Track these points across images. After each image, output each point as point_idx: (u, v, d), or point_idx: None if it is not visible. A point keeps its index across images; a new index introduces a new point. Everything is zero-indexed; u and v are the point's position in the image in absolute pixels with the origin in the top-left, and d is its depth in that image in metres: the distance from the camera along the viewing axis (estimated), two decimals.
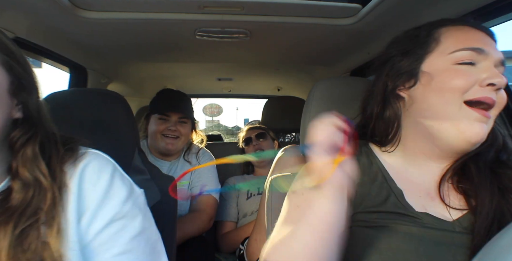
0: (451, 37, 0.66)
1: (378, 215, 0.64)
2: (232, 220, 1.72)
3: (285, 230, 0.59)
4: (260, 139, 1.89)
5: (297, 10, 1.06)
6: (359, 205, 0.67)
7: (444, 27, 0.68)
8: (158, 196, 0.94)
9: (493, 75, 0.59)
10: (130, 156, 1.01)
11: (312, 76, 2.11)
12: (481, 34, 0.65)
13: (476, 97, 0.60)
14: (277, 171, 1.22)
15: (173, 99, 1.62)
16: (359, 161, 0.71)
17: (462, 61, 0.62)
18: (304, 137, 1.00)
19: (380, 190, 0.67)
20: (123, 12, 1.07)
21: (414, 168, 0.70)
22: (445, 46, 0.65)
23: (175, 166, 1.64)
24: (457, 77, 0.61)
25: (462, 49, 0.62)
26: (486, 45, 0.63)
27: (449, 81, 0.62)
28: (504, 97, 0.62)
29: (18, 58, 0.55)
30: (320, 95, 0.97)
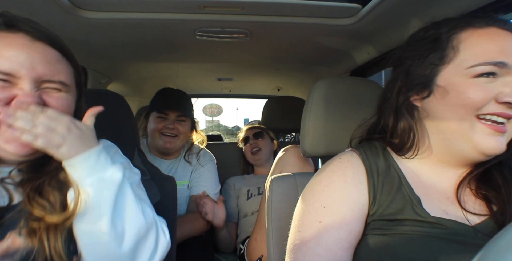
0: (470, 47, 0.61)
1: (396, 223, 0.63)
2: (233, 221, 1.72)
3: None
4: (257, 138, 1.89)
5: (297, 10, 1.06)
6: (375, 212, 0.65)
7: (464, 32, 0.62)
8: (158, 196, 0.94)
9: (511, 94, 0.56)
10: (130, 156, 1.01)
11: (312, 76, 2.11)
12: (507, 39, 0.60)
13: (489, 112, 0.58)
14: (277, 171, 1.22)
15: (172, 97, 1.62)
16: (377, 165, 0.70)
17: (481, 73, 0.59)
18: (304, 137, 1.00)
19: (398, 196, 0.65)
20: (123, 12, 1.07)
21: (433, 174, 0.68)
22: (464, 58, 0.61)
23: (175, 166, 1.64)
24: (472, 93, 0.58)
25: (481, 64, 0.58)
26: (509, 55, 0.58)
27: (463, 97, 0.59)
28: None
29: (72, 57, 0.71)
30: (320, 95, 0.97)
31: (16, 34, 0.61)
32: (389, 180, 0.67)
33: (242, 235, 1.67)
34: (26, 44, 0.61)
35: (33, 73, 0.60)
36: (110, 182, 0.62)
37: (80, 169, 0.61)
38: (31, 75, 0.60)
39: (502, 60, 0.57)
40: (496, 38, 0.60)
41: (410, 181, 0.67)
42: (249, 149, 1.87)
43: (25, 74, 0.60)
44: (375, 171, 0.68)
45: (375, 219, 0.65)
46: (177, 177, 1.55)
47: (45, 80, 0.63)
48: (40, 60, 0.62)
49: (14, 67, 0.59)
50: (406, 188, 0.66)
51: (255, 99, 3.14)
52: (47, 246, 0.58)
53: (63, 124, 0.59)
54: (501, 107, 0.57)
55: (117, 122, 1.02)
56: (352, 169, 0.69)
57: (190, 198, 1.59)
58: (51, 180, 0.64)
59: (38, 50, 0.62)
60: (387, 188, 0.66)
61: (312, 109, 0.97)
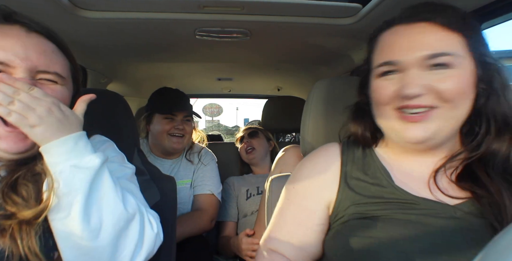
0: (377, 49, 0.68)
1: (376, 206, 0.66)
2: (233, 220, 1.72)
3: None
4: (251, 137, 1.90)
5: (297, 10, 1.06)
6: (352, 198, 0.69)
7: (378, 35, 0.69)
8: (158, 196, 0.94)
9: (404, 87, 0.61)
10: (130, 156, 1.01)
11: (312, 76, 2.11)
12: (405, 34, 0.63)
13: (399, 106, 0.63)
14: (277, 171, 1.22)
15: (176, 98, 1.61)
16: (354, 154, 0.75)
17: (383, 73, 0.65)
18: (304, 137, 1.00)
19: (376, 181, 0.69)
20: (123, 12, 1.07)
21: (410, 162, 0.71)
22: (373, 60, 0.68)
23: (177, 165, 1.65)
24: (377, 92, 0.66)
25: (378, 65, 0.66)
26: (402, 51, 0.62)
27: (374, 96, 0.67)
28: (448, 89, 0.60)
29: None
30: (320, 95, 0.97)
31: (12, 26, 0.62)
32: (365, 167, 0.73)
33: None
34: (21, 35, 0.61)
35: (28, 63, 0.60)
36: (84, 169, 0.58)
37: (55, 154, 0.58)
38: (26, 65, 0.60)
39: (391, 59, 0.63)
40: (393, 38, 0.65)
41: (389, 168, 0.71)
42: (244, 148, 1.88)
43: (20, 64, 0.60)
44: (350, 160, 0.75)
45: (355, 203, 0.68)
46: (179, 176, 1.59)
47: (40, 71, 0.62)
48: (36, 51, 0.62)
49: (9, 57, 0.59)
50: (382, 173, 0.70)
51: (255, 99, 3.14)
52: (20, 245, 0.56)
53: (45, 104, 0.57)
54: (404, 100, 0.61)
55: (117, 122, 1.02)
56: (326, 157, 0.77)
57: (194, 197, 1.60)
58: (27, 173, 0.62)
59: (34, 41, 0.62)
60: (361, 174, 0.72)
61: (312, 109, 0.97)
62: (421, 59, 0.60)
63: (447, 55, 0.59)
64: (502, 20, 0.98)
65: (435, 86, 0.60)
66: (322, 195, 0.72)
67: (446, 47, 0.60)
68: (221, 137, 4.09)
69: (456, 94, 0.60)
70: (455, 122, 0.63)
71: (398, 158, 0.72)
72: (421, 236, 0.60)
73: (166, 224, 0.83)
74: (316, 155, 0.80)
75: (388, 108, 0.65)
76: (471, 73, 0.61)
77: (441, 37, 0.61)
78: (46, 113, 0.57)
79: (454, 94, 0.60)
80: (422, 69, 0.61)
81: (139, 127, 1.68)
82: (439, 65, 0.60)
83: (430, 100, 0.60)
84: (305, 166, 0.79)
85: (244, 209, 1.71)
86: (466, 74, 0.61)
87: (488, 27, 1.01)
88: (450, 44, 0.60)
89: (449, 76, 0.60)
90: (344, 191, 0.70)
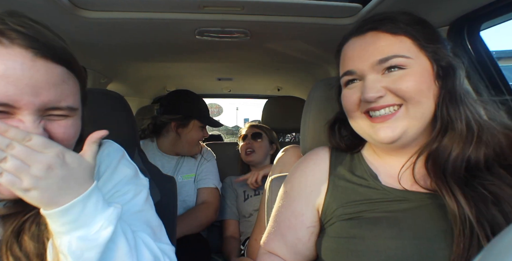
0: (340, 62, 0.73)
1: (361, 207, 0.68)
2: (235, 218, 1.72)
3: None
4: (254, 139, 1.86)
5: (297, 10, 1.06)
6: (340, 200, 0.70)
7: (341, 50, 0.73)
8: (158, 196, 0.94)
9: (363, 93, 0.65)
10: (130, 156, 1.01)
11: (312, 76, 2.11)
12: (356, 45, 0.68)
13: (366, 109, 0.66)
14: (277, 171, 1.22)
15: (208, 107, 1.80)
16: (343, 158, 0.78)
17: (347, 82, 0.70)
18: (304, 137, 1.00)
19: (363, 183, 0.71)
20: (123, 12, 1.07)
21: (391, 162, 0.73)
22: (339, 73, 0.73)
23: (181, 161, 1.72)
24: (344, 100, 0.71)
25: (342, 75, 0.71)
26: (355, 60, 0.67)
27: (344, 105, 0.72)
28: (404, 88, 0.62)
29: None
30: (320, 95, 0.97)
31: (10, 50, 0.48)
32: (353, 169, 0.75)
33: (242, 236, 1.67)
34: (26, 64, 0.49)
35: (36, 101, 0.49)
36: (94, 242, 0.48)
37: (58, 224, 0.48)
38: (34, 104, 0.49)
39: (348, 69, 0.68)
40: (348, 50, 0.70)
41: (376, 170, 0.73)
42: (244, 148, 1.85)
43: (27, 104, 0.49)
44: (338, 163, 0.77)
45: (342, 205, 0.70)
46: (184, 170, 1.68)
47: (50, 108, 0.52)
48: (45, 84, 0.50)
49: (13, 96, 0.47)
50: (369, 175, 0.72)
51: (255, 99, 3.14)
52: None
53: (44, 160, 0.46)
54: (368, 104, 0.65)
55: (117, 122, 1.02)
56: (315, 161, 0.80)
57: (199, 190, 1.68)
58: (32, 223, 0.54)
59: (42, 71, 0.50)
60: (349, 176, 0.74)
61: (312, 109, 0.97)
62: (373, 64, 0.64)
63: (397, 57, 0.63)
64: (502, 20, 0.98)
65: (393, 87, 0.63)
66: (312, 198, 0.75)
67: (395, 50, 0.64)
68: (221, 137, 4.10)
69: (414, 92, 0.62)
70: (422, 119, 0.64)
71: (382, 158, 0.74)
72: (404, 233, 0.61)
73: (167, 223, 0.84)
74: (306, 160, 0.82)
75: (357, 113, 0.69)
76: (427, 71, 0.64)
77: (390, 42, 0.65)
78: (44, 173, 0.46)
79: (412, 91, 0.62)
80: (378, 73, 0.65)
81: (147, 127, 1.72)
82: (393, 67, 0.63)
83: (392, 100, 0.64)
84: (296, 170, 0.82)
85: (242, 210, 1.71)
86: (420, 72, 0.63)
87: (488, 27, 1.01)
88: (399, 47, 0.64)
89: (404, 75, 0.63)
90: (332, 193, 0.72)
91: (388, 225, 0.63)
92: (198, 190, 1.68)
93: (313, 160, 0.80)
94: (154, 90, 2.60)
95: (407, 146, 0.68)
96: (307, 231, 0.73)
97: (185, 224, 1.46)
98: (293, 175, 0.81)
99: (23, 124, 0.49)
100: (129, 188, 0.66)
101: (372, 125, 0.66)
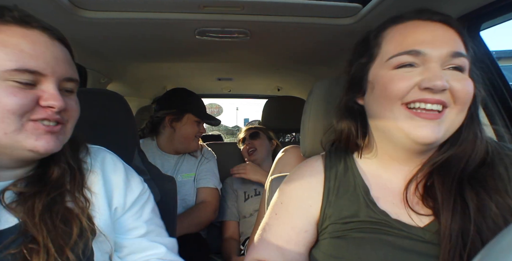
0: (390, 41, 0.65)
1: (350, 225, 0.65)
2: (235, 219, 1.73)
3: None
4: (253, 138, 1.89)
5: (297, 10, 1.06)
6: (331, 215, 0.68)
7: (388, 29, 0.66)
8: (158, 196, 0.94)
9: (430, 79, 0.57)
10: (130, 156, 1.01)
11: (312, 76, 2.11)
12: (427, 29, 0.61)
13: (413, 99, 0.59)
14: (277, 171, 1.22)
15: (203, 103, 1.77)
16: (337, 169, 0.74)
17: (401, 64, 0.61)
18: (304, 137, 1.00)
19: (354, 199, 0.68)
20: (123, 12, 1.07)
21: (389, 173, 0.70)
22: (385, 52, 0.64)
23: (181, 160, 1.72)
24: (392, 82, 0.61)
25: (397, 54, 0.61)
26: (426, 44, 0.59)
27: (385, 88, 0.62)
28: (464, 91, 0.58)
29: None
30: (320, 95, 0.97)
31: (32, 31, 0.58)
32: (345, 183, 0.71)
33: (242, 237, 1.67)
34: (48, 42, 0.59)
35: (58, 70, 0.59)
36: None
37: None
38: (58, 72, 0.58)
39: (415, 48, 0.59)
40: (413, 30, 0.62)
41: (368, 183, 0.70)
42: (246, 150, 1.88)
43: (52, 72, 0.57)
44: (333, 176, 0.73)
45: (333, 222, 0.67)
46: (185, 170, 1.68)
47: (67, 78, 0.61)
48: (62, 59, 0.60)
49: (41, 65, 0.56)
50: (361, 191, 0.68)
51: (255, 99, 3.14)
52: None
53: None
54: (424, 93, 0.58)
55: (117, 122, 1.02)
56: (311, 174, 0.76)
57: (198, 190, 1.67)
58: (57, 204, 0.60)
59: (58, 48, 0.61)
60: (342, 191, 0.70)
61: (312, 109, 0.97)
62: (445, 55, 0.58)
63: (465, 57, 0.59)
64: (502, 20, 0.98)
65: (457, 85, 0.58)
66: (312, 212, 0.71)
67: (462, 49, 0.60)
68: (221, 137, 4.10)
69: (467, 97, 0.59)
70: (457, 127, 0.61)
71: (379, 170, 0.71)
72: (388, 257, 0.59)
73: (167, 223, 0.84)
74: (301, 172, 0.78)
75: (397, 104, 0.61)
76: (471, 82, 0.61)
77: (458, 39, 0.61)
78: None
79: (466, 96, 0.59)
80: (442, 66, 0.59)
81: (146, 125, 1.74)
82: (457, 67, 0.59)
83: (447, 98, 0.58)
84: (291, 181, 0.78)
85: (242, 211, 1.72)
86: (470, 80, 0.60)
87: (488, 27, 1.01)
88: (463, 48, 0.61)
89: (463, 78, 0.59)
90: (325, 209, 0.70)
91: (372, 248, 0.61)
92: (197, 189, 1.67)
93: (308, 172, 0.77)
94: (154, 90, 2.60)
95: (423, 153, 0.65)
96: (306, 245, 0.71)
97: (183, 223, 1.47)
98: (289, 186, 0.77)
99: (46, 93, 0.57)
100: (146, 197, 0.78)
101: (413, 120, 0.59)
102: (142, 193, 0.76)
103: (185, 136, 1.64)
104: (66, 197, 0.62)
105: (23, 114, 0.54)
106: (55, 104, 0.56)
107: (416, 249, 0.59)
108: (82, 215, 0.62)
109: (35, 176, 0.62)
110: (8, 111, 0.53)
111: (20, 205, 0.58)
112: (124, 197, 0.72)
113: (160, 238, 0.77)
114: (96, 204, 0.67)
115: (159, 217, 0.81)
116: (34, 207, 0.58)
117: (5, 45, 0.54)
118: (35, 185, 0.61)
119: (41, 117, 0.56)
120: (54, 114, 0.57)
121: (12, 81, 0.54)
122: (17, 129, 0.54)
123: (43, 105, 0.56)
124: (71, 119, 0.63)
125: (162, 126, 1.67)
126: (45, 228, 0.56)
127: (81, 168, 0.68)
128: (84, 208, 0.63)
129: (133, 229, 0.73)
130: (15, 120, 0.54)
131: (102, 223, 0.66)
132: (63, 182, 0.63)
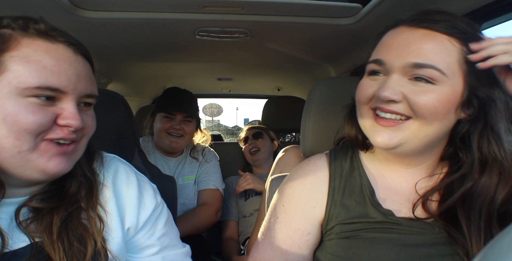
0: (378, 46, 0.66)
1: (358, 226, 0.65)
2: (234, 219, 1.73)
3: None
4: (256, 138, 1.89)
5: (297, 10, 1.06)
6: (338, 216, 0.67)
7: (385, 33, 0.66)
8: None
9: (381, 89, 0.59)
10: (130, 156, 1.01)
11: (312, 76, 2.11)
12: (402, 37, 0.60)
13: (373, 106, 0.62)
14: (277, 171, 1.22)
15: (178, 98, 1.62)
16: (342, 168, 0.73)
17: (371, 71, 0.64)
18: (304, 137, 1.00)
19: (361, 200, 0.68)
20: (123, 12, 1.07)
21: (393, 174, 0.70)
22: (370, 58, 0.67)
23: (182, 162, 1.69)
24: (359, 88, 0.65)
25: (369, 61, 0.65)
26: (391, 53, 0.60)
27: (357, 94, 0.66)
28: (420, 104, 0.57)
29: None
30: (320, 95, 0.97)
31: (57, 46, 0.57)
32: (352, 183, 0.70)
33: (242, 236, 1.67)
34: (72, 58, 0.57)
35: (79, 87, 0.57)
36: None
37: None
38: (78, 90, 0.57)
39: (379, 57, 0.62)
40: (391, 37, 0.63)
41: (374, 183, 0.69)
42: (248, 149, 1.88)
43: (73, 90, 0.56)
44: (338, 175, 0.72)
45: (340, 222, 0.66)
46: (185, 173, 1.65)
47: (87, 95, 0.60)
48: (84, 75, 0.59)
49: (63, 83, 0.55)
50: (367, 192, 0.68)
51: (255, 99, 3.15)
52: None
53: None
54: (381, 102, 0.60)
55: (117, 122, 1.02)
56: (315, 173, 0.73)
57: (199, 192, 1.65)
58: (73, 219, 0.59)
59: (81, 64, 0.59)
60: (348, 191, 0.69)
61: (312, 109, 0.97)
62: (406, 65, 0.57)
63: (432, 68, 0.56)
64: (502, 20, 0.98)
65: (411, 98, 0.57)
66: (315, 214, 0.70)
67: (437, 61, 0.56)
68: (222, 137, 4.09)
69: (429, 111, 0.57)
70: (425, 139, 0.60)
71: (383, 169, 0.71)
72: (401, 255, 0.60)
73: None
74: (303, 170, 0.76)
75: (366, 107, 0.64)
76: (454, 95, 0.57)
77: (436, 49, 0.57)
78: None
79: (427, 110, 0.57)
80: (405, 76, 0.58)
81: (145, 125, 1.73)
82: (423, 78, 0.57)
83: (403, 109, 0.58)
84: (293, 181, 0.75)
85: (243, 210, 1.72)
86: (447, 93, 0.57)
87: (488, 27, 1.01)
88: (441, 59, 0.56)
89: (429, 91, 0.56)
90: (331, 209, 0.69)
91: (384, 247, 0.61)
92: (198, 192, 1.65)
93: (312, 172, 0.74)
94: (154, 90, 2.60)
95: (409, 160, 0.66)
96: (309, 247, 0.70)
97: (184, 228, 1.45)
98: (290, 187, 0.74)
99: (66, 111, 0.56)
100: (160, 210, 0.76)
101: (374, 125, 0.62)
102: (155, 208, 0.73)
103: (156, 133, 1.62)
104: (82, 214, 0.61)
105: (39, 134, 0.53)
106: (73, 123, 0.55)
107: (427, 242, 0.60)
108: (98, 235, 0.60)
109: (52, 190, 0.61)
110: (25, 130, 0.52)
111: (36, 222, 0.57)
112: (137, 215, 0.69)
113: (174, 253, 0.74)
114: (109, 226, 0.64)
115: (173, 225, 0.78)
116: (52, 223, 0.57)
117: (29, 61, 0.53)
118: (53, 200, 0.59)
119: (57, 137, 0.55)
120: (70, 133, 0.56)
121: (32, 97, 0.53)
122: (30, 148, 0.53)
123: (61, 124, 0.55)
124: (86, 136, 0.61)
125: (150, 128, 1.69)
126: (61, 247, 0.55)
127: (96, 180, 0.66)
128: (100, 230, 0.61)
129: (145, 248, 0.71)
130: (30, 139, 0.53)
131: (115, 247, 0.63)
132: (80, 196, 0.62)
